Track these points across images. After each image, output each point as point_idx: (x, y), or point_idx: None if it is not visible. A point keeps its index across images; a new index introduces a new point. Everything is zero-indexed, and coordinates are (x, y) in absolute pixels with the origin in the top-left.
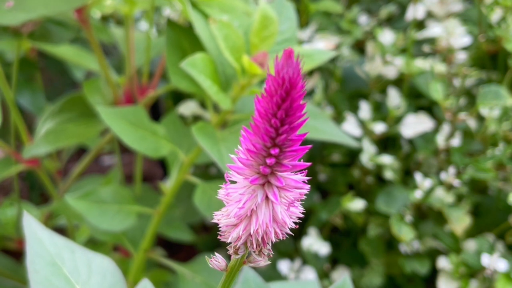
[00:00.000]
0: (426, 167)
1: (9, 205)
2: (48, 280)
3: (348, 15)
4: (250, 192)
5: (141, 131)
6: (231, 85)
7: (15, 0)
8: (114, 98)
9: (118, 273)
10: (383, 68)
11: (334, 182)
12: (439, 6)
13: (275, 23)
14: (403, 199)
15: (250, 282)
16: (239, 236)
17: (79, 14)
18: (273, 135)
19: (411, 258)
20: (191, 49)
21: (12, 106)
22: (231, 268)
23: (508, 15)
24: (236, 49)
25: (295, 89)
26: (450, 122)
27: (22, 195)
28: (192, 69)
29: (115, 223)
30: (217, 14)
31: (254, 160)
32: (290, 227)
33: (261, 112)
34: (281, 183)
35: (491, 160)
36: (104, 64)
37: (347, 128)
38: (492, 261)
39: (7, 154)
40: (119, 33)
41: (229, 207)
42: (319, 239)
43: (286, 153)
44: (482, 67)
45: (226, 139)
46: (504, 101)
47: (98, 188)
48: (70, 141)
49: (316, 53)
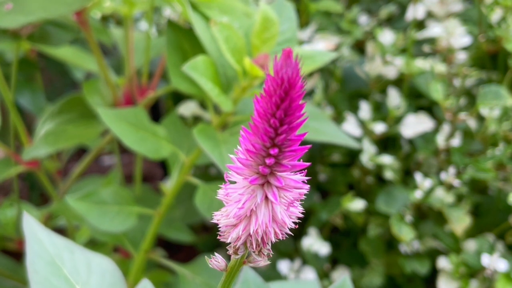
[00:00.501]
0: (426, 167)
1: (9, 206)
2: (47, 280)
3: (348, 15)
4: (250, 192)
5: (141, 132)
6: (232, 86)
7: (14, 3)
8: (114, 99)
9: (117, 273)
10: (383, 68)
11: (334, 182)
12: (439, 6)
13: (276, 25)
14: (403, 199)
15: (249, 282)
16: (239, 236)
17: (79, 16)
18: (272, 135)
19: (411, 258)
20: (192, 50)
21: (11, 107)
22: (231, 268)
23: (508, 15)
24: (237, 51)
25: (294, 89)
26: (450, 122)
27: (22, 196)
28: (193, 72)
29: (116, 224)
30: (217, 16)
31: (254, 160)
32: (290, 227)
33: (260, 112)
34: (280, 183)
35: (491, 160)
36: (103, 65)
37: (347, 128)
38: (492, 261)
39: (6, 155)
40: (119, 34)
41: (229, 207)
42: (319, 239)
43: (285, 153)
44: (482, 67)
45: (227, 141)
46: (504, 101)
47: (98, 189)
48: (69, 142)
49: (317, 55)
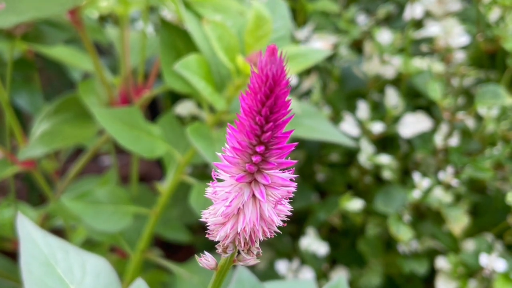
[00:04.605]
0: (424, 167)
1: (6, 206)
2: (42, 280)
3: (346, 14)
4: (237, 190)
5: (136, 132)
6: (226, 85)
7: (6, 2)
8: (109, 98)
9: (112, 273)
10: (381, 67)
11: (332, 182)
12: (437, 6)
13: (269, 23)
14: (401, 199)
15: (244, 282)
16: (227, 234)
17: (72, 15)
18: (258, 133)
19: (410, 258)
20: (186, 49)
21: (7, 107)
22: (221, 267)
23: (506, 14)
24: (230, 49)
25: (279, 86)
26: (448, 121)
27: (21, 196)
28: (186, 71)
29: (111, 223)
30: (210, 14)
31: (240, 158)
32: (278, 225)
33: (246, 109)
34: (267, 181)
35: (489, 159)
36: (99, 65)
37: (345, 128)
38: (490, 261)
39: (2, 155)
40: (115, 33)
41: (216, 205)
42: (317, 239)
43: (272, 150)
44: (481, 67)
45: (222, 139)
46: (502, 101)
47: (94, 189)
48: (65, 142)
49: (310, 52)
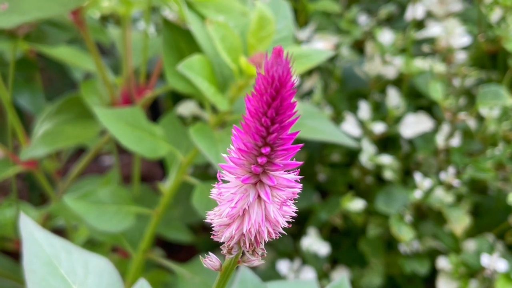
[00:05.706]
0: (425, 167)
1: (8, 206)
2: (45, 280)
3: (347, 15)
4: (242, 191)
5: (138, 132)
6: (228, 85)
7: (9, 3)
8: (111, 98)
9: (115, 273)
10: (382, 68)
11: (334, 182)
12: (439, 6)
13: (272, 23)
14: (403, 199)
15: (247, 282)
16: (232, 235)
17: (75, 15)
18: (264, 134)
19: (411, 258)
20: (188, 50)
21: (9, 107)
22: (225, 268)
23: (507, 14)
24: (233, 50)
25: (285, 88)
26: (449, 122)
27: (22, 196)
28: (189, 72)
29: (114, 223)
30: (213, 15)
31: (246, 159)
32: (284, 226)
33: (252, 111)
34: (273, 182)
35: (490, 160)
36: (101, 65)
37: (347, 128)
38: (491, 261)
39: (4, 155)
40: (117, 34)
41: (222, 206)
42: (318, 239)
43: (277, 152)
44: (482, 67)
45: (224, 140)
46: (503, 101)
47: (96, 189)
48: (67, 142)
49: (313, 53)
